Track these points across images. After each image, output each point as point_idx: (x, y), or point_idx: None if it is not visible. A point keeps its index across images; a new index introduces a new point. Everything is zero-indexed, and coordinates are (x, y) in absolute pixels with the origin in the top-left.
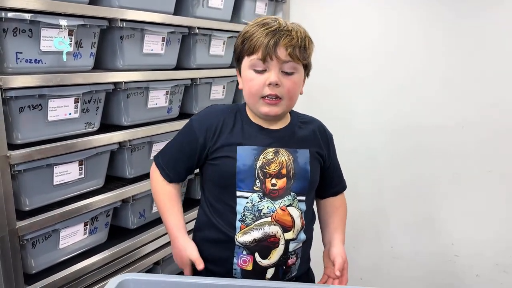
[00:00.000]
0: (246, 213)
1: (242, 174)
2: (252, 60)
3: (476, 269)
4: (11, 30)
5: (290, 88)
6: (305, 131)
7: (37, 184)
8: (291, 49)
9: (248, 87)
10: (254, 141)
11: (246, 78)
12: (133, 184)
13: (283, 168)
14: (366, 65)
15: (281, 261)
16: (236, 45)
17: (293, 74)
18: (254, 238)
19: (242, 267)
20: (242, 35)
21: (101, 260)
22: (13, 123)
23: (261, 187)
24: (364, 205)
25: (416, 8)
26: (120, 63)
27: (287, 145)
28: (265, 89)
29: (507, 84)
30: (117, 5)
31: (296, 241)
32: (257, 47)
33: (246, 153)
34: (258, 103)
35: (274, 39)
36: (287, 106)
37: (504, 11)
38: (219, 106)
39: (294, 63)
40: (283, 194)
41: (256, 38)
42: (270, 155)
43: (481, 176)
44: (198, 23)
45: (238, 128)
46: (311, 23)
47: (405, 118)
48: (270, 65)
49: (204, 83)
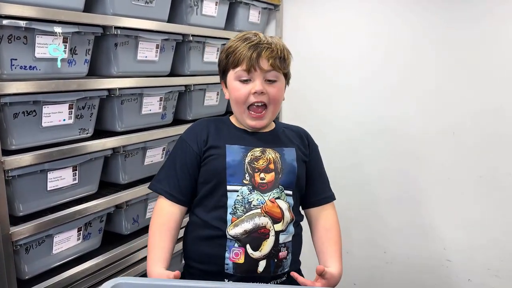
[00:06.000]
0: (237, 206)
1: (231, 169)
2: (237, 72)
3: (468, 274)
4: (6, 37)
5: (275, 94)
6: (290, 134)
7: (31, 190)
8: (272, 60)
9: (235, 97)
10: (241, 141)
11: (233, 89)
12: (126, 190)
13: (270, 163)
14: (358, 71)
15: (272, 253)
16: (220, 59)
17: (276, 82)
18: (245, 230)
19: (234, 260)
20: (225, 50)
21: (94, 265)
22: (8, 129)
23: (251, 180)
24: (357, 210)
25: (407, 16)
26: (114, 70)
27: (273, 145)
28: (251, 97)
29: (498, 90)
30: (112, 12)
31: (286, 233)
32: (241, 60)
33: (234, 150)
34: (244, 114)
35: (257, 52)
36: (272, 113)
37: (494, 20)
38: (204, 119)
39: (275, 72)
40: (272, 187)
41: (240, 51)
42: (257, 153)
43: (472, 181)
44: (192, 30)
45: (225, 131)
46: (304, 31)
47: (396, 124)
48: (254, 75)
49: (198, 90)
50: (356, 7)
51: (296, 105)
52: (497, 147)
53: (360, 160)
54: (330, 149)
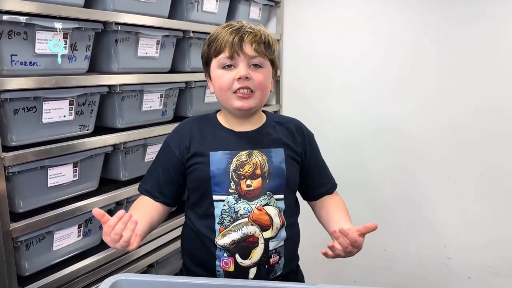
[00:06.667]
0: (224, 216)
1: (216, 178)
2: (220, 60)
3: (468, 271)
4: (6, 33)
5: (261, 80)
6: (280, 131)
7: (31, 186)
8: (256, 45)
9: (218, 84)
10: (226, 145)
11: (216, 77)
12: (127, 186)
13: (257, 168)
14: (358, 69)
15: (262, 260)
16: (203, 50)
17: (261, 68)
18: (233, 240)
19: (224, 268)
20: (208, 40)
21: (95, 262)
22: (8, 125)
23: (236, 189)
24: (357, 208)
25: (407, 14)
26: (114, 66)
27: (260, 146)
28: (235, 83)
29: (498, 87)
30: (112, 8)
31: (276, 239)
32: (223, 46)
33: (219, 157)
34: (230, 99)
35: (239, 36)
36: (259, 99)
37: (494, 17)
38: (190, 118)
39: (261, 57)
40: (259, 194)
41: (221, 38)
42: (243, 158)
43: (472, 180)
44: (192, 27)
45: (210, 134)
46: (304, 28)
47: (397, 122)
48: (237, 61)
49: (199, 86)
50: (357, 5)
51: (295, 103)
52: (497, 146)
53: (360, 158)
54: (329, 147)
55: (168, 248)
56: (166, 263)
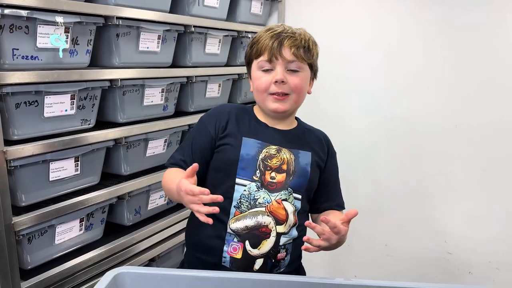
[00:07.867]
0: (243, 200)
1: (244, 163)
2: (260, 62)
3: (469, 267)
4: (8, 27)
5: (297, 84)
6: (310, 137)
7: (33, 180)
8: (295, 49)
9: (256, 86)
10: (259, 136)
11: (255, 78)
12: (128, 181)
13: (284, 164)
14: (361, 65)
15: (270, 254)
16: (246, 52)
17: (298, 72)
18: (247, 225)
19: (231, 254)
20: (251, 41)
21: (96, 256)
22: (9, 119)
23: (260, 178)
24: (359, 203)
25: (412, 9)
26: (116, 61)
27: (290, 145)
28: (272, 86)
29: (501, 84)
30: (113, 2)
31: (288, 236)
32: (263, 49)
33: (250, 144)
34: (266, 100)
35: (278, 40)
36: (294, 101)
37: (500, 13)
38: (228, 105)
39: (299, 62)
40: (281, 188)
41: (262, 41)
42: (272, 151)
43: (474, 175)
44: (194, 21)
45: (246, 123)
46: (306, 23)
47: (401, 118)
48: (276, 64)
49: (200, 81)
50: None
51: None
52: (500, 142)
53: (361, 153)
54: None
55: (170, 242)
56: (167, 257)
